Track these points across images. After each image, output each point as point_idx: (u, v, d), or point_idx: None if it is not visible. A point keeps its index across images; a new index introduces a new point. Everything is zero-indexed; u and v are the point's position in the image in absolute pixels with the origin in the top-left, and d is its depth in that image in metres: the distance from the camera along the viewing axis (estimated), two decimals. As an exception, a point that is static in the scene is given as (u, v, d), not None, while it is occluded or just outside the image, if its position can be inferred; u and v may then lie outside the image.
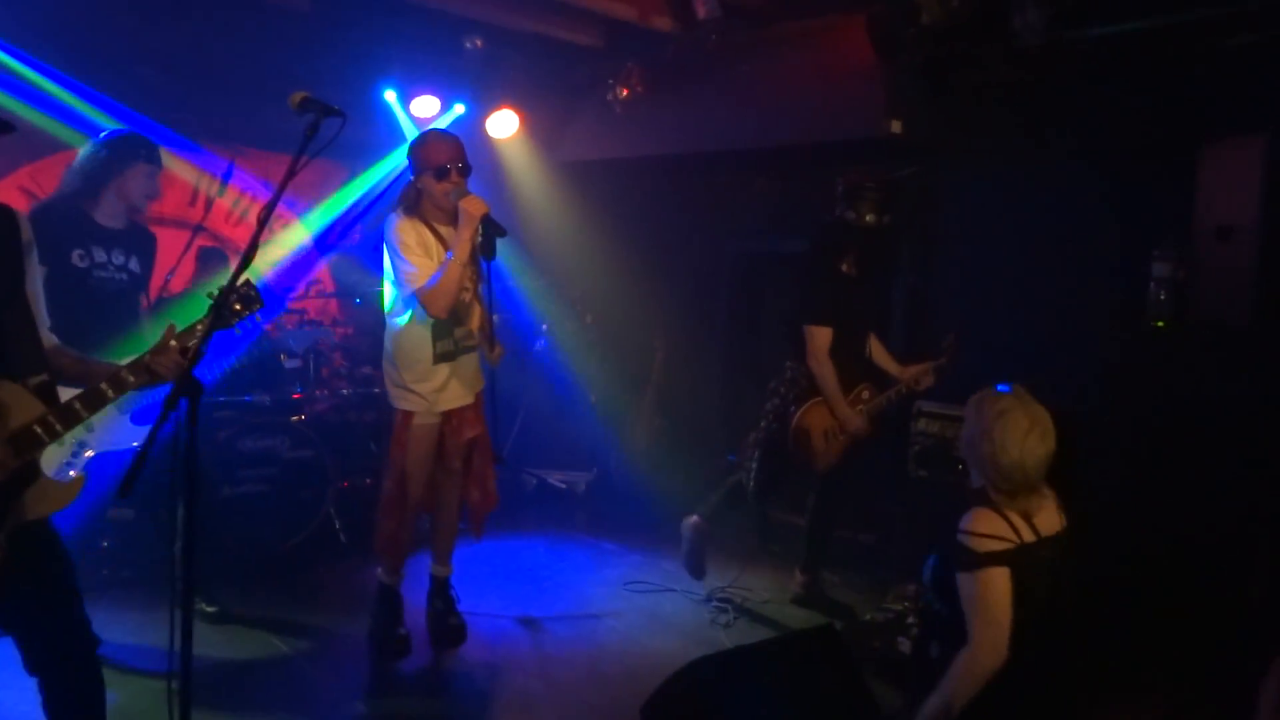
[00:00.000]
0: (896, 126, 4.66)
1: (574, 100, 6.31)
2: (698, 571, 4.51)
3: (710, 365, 6.49)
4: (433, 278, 3.52)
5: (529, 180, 6.59)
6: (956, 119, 4.91)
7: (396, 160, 6.18)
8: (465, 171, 3.61)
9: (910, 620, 4.05)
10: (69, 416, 2.15)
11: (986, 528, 2.43)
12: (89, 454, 3.56)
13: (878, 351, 4.57)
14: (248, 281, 2.28)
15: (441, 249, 3.64)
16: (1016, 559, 2.41)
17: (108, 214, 3.76)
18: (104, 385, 2.18)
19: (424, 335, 3.69)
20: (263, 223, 2.13)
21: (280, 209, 6.18)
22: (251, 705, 3.36)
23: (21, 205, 5.18)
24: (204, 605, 3.95)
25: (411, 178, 3.67)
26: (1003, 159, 4.88)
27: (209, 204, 5.88)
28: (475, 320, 3.83)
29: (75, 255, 3.66)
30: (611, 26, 5.36)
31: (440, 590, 4.07)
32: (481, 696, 3.58)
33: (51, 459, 3.54)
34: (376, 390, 5.36)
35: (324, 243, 5.88)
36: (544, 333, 6.40)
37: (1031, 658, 2.45)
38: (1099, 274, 4.50)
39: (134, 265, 3.83)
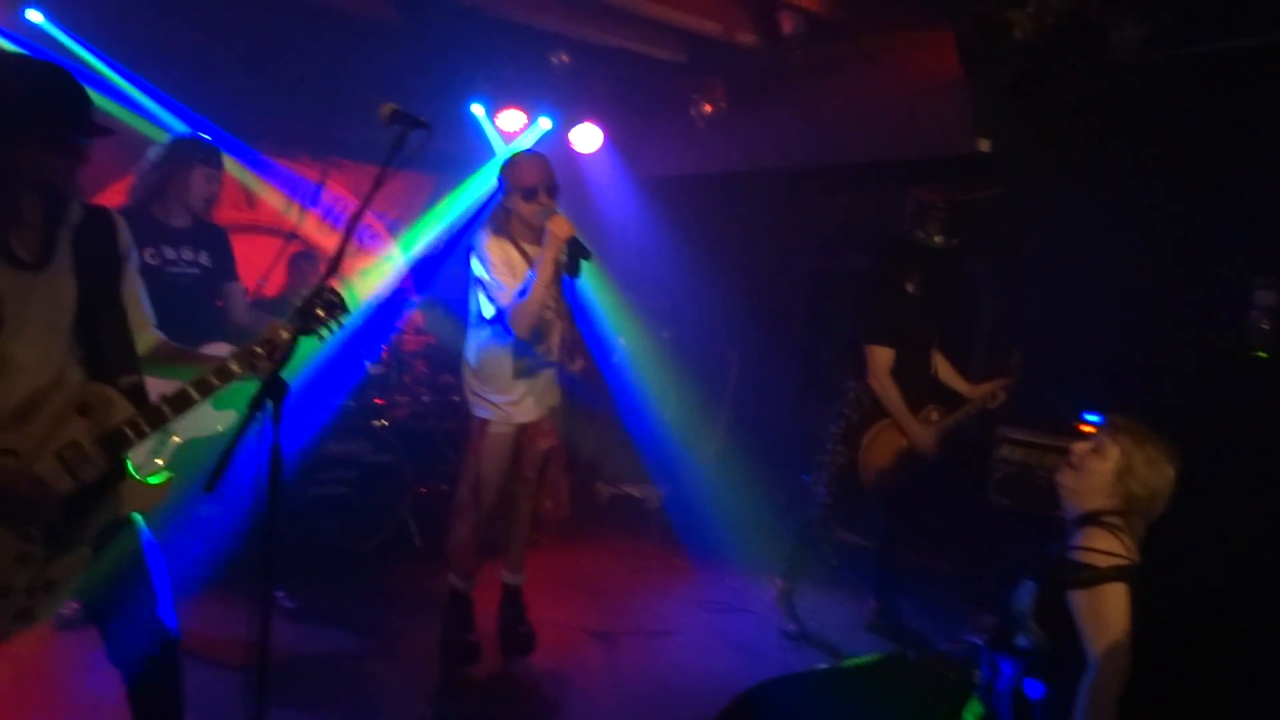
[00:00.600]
0: (984, 145, 4.58)
1: (656, 115, 6.35)
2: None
3: (784, 381, 6.43)
4: (516, 296, 3.55)
5: (610, 194, 6.65)
6: (1045, 138, 4.79)
7: (486, 181, 6.30)
8: (553, 192, 3.63)
9: (988, 652, 3.94)
10: (156, 417, 2.23)
11: (1104, 545, 2.40)
12: (175, 440, 3.72)
13: (946, 371, 4.46)
14: (333, 289, 2.34)
15: (526, 268, 3.66)
16: (1132, 578, 2.38)
17: (173, 214, 3.94)
18: (191, 389, 2.25)
19: (505, 351, 3.74)
20: (348, 234, 2.19)
21: (370, 217, 6.36)
22: (324, 701, 3.44)
23: (125, 211, 5.48)
24: (284, 601, 4.07)
25: (501, 197, 3.71)
26: (1092, 179, 4.74)
27: (302, 212, 6.07)
28: (555, 337, 3.87)
29: (147, 254, 3.83)
30: (695, 42, 5.39)
31: (511, 598, 4.11)
32: (546, 707, 3.59)
33: (139, 447, 3.70)
34: (455, 398, 5.46)
35: (422, 282, 5.91)
36: (620, 346, 6.43)
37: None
38: (1191, 299, 4.33)
39: (205, 259, 3.99)
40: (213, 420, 3.84)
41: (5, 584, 2.09)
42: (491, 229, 3.70)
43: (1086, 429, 4.35)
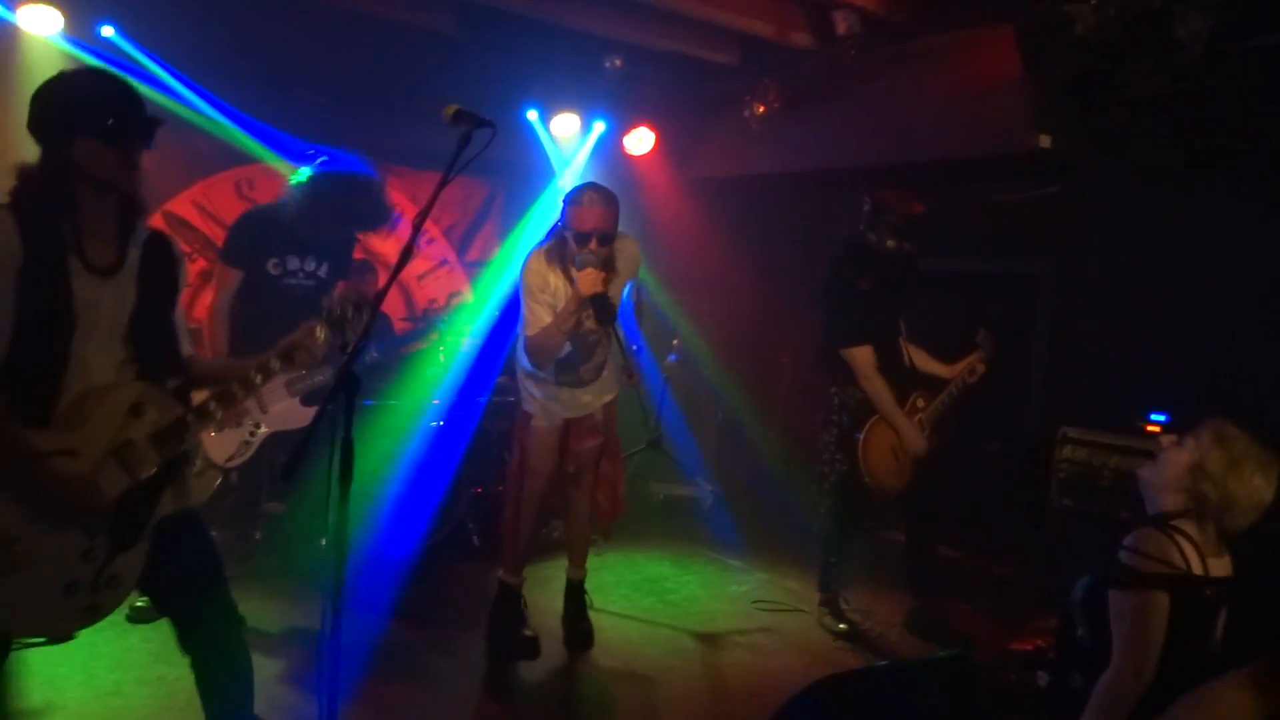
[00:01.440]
0: (1045, 141, 4.51)
1: (710, 117, 6.36)
2: (851, 635, 4.31)
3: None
4: (540, 337, 3.60)
5: (665, 196, 6.68)
6: (1107, 134, 4.72)
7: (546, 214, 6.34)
8: (605, 241, 3.58)
9: (1050, 655, 3.88)
10: (204, 415, 2.34)
11: (1155, 550, 2.35)
12: (264, 431, 3.83)
13: (921, 359, 4.42)
14: (364, 299, 2.45)
15: (566, 296, 3.62)
16: (1179, 589, 2.32)
17: (303, 227, 4.04)
18: (235, 387, 2.39)
19: (549, 368, 3.80)
20: (417, 228, 2.24)
21: (428, 225, 6.44)
22: (387, 691, 3.50)
23: (193, 218, 5.65)
24: (352, 596, 4.15)
25: (560, 225, 3.70)
26: (1156, 176, 4.66)
27: (361, 219, 6.19)
28: (602, 355, 3.89)
29: (270, 264, 3.96)
30: (749, 43, 5.40)
31: (573, 592, 4.15)
32: (602, 703, 3.62)
33: (231, 438, 3.83)
34: (510, 398, 5.52)
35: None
36: (675, 348, 6.45)
37: (1166, 694, 2.33)
38: (1263, 301, 4.23)
39: (323, 271, 4.10)
40: (301, 415, 3.96)
41: (72, 580, 2.17)
42: (542, 250, 3.71)
43: (1153, 429, 4.28)
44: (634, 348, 4.10)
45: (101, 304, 2.23)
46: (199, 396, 2.46)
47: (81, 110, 2.19)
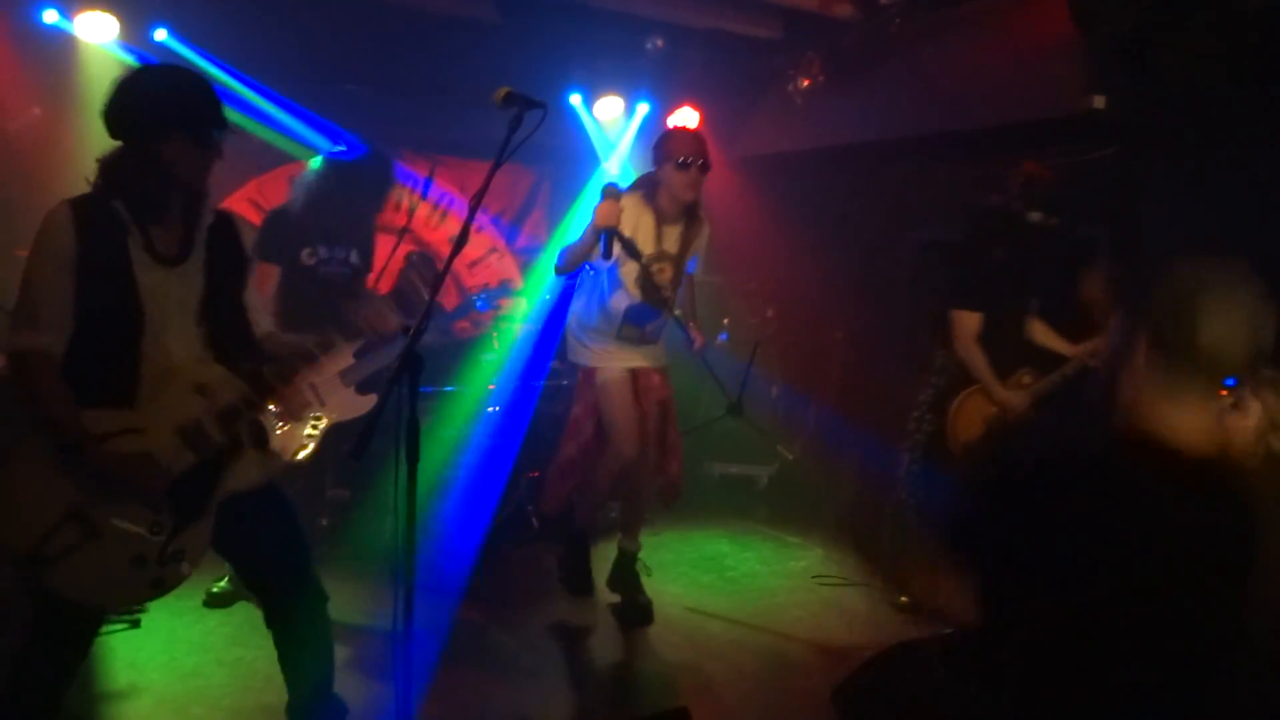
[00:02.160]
0: (1099, 101, 4.40)
1: (753, 94, 6.32)
2: (913, 605, 4.28)
3: (891, 356, 6.34)
4: (572, 245, 3.78)
5: (709, 176, 6.64)
6: (1164, 93, 4.59)
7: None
8: (704, 169, 3.86)
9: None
10: (264, 389, 2.40)
11: None
12: (325, 423, 3.92)
13: (1045, 335, 4.30)
14: (425, 259, 2.61)
15: (653, 238, 3.84)
16: None
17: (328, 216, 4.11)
18: (294, 359, 2.48)
19: (616, 321, 3.92)
20: (473, 210, 2.27)
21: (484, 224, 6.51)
22: (457, 667, 3.57)
23: (251, 216, 5.77)
24: (419, 576, 4.24)
25: (655, 168, 3.90)
26: (1217, 136, 4.53)
27: (411, 211, 6.27)
28: (668, 315, 3.97)
29: (304, 254, 4.03)
30: (791, 17, 5.35)
31: (627, 565, 4.19)
32: (665, 677, 3.65)
33: (294, 432, 3.92)
34: (565, 382, 5.56)
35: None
36: (725, 327, 6.44)
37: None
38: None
39: (354, 258, 4.17)
40: (359, 404, 4.04)
41: (140, 554, 2.26)
42: (636, 189, 3.91)
43: (1221, 394, 4.18)
44: (695, 320, 4.15)
45: (170, 293, 2.31)
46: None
47: (177, 108, 2.25)
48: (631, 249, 3.78)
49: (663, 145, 3.88)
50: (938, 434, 4.12)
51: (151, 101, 2.25)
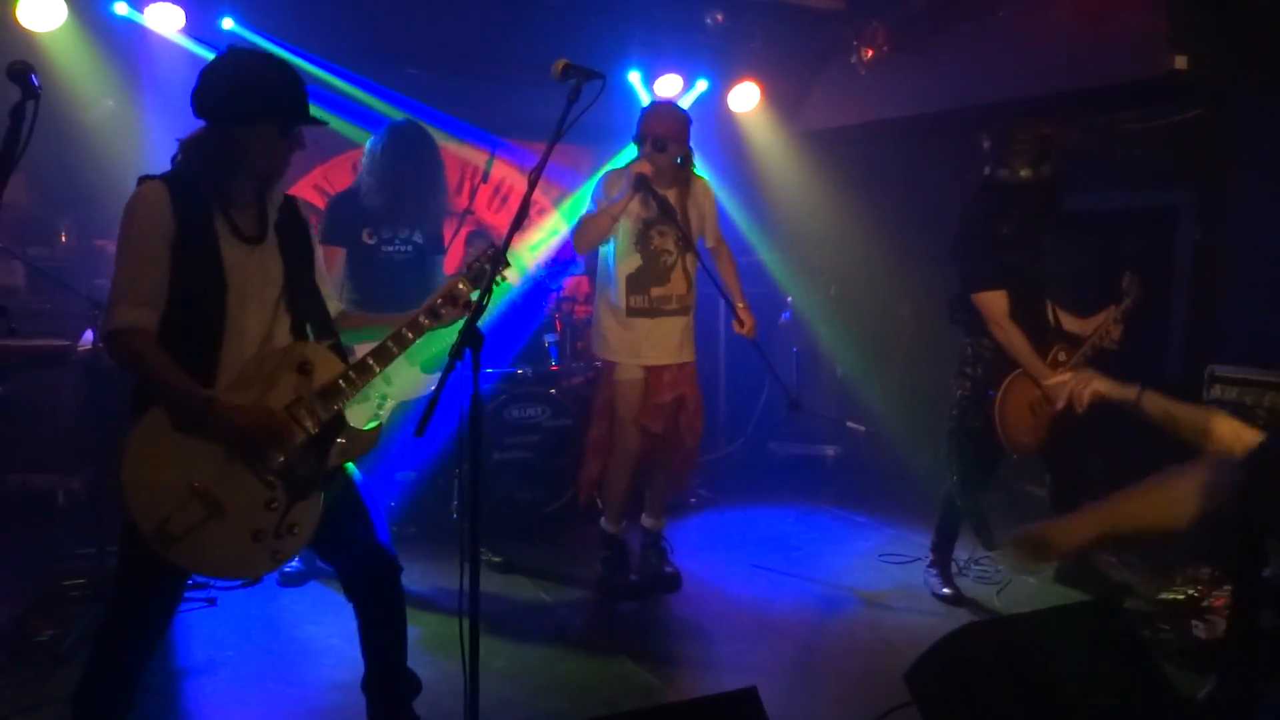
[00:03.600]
0: (1181, 62, 4.21)
1: (815, 68, 6.20)
2: (955, 598, 4.09)
3: (959, 333, 6.18)
4: (583, 217, 3.87)
5: (771, 152, 6.56)
6: (1250, 50, 4.38)
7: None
8: (661, 147, 3.82)
9: (1210, 603, 3.69)
10: (364, 370, 2.43)
11: None
12: (391, 403, 3.96)
13: (1055, 315, 4.09)
14: (495, 246, 2.54)
15: (644, 205, 3.86)
16: None
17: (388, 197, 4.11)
18: (389, 343, 2.47)
19: (620, 289, 3.95)
20: (533, 183, 2.25)
21: (537, 196, 6.52)
22: (524, 642, 3.61)
23: (317, 202, 5.85)
24: (490, 555, 4.27)
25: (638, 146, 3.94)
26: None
27: (474, 192, 6.30)
28: (679, 285, 3.99)
29: (364, 234, 4.05)
30: (854, -14, 5.23)
31: (652, 543, 4.24)
32: (732, 657, 3.61)
33: (359, 412, 3.96)
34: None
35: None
36: (789, 305, 6.35)
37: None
38: None
39: (418, 237, 4.19)
40: (424, 383, 4.07)
41: (258, 528, 2.31)
42: (621, 169, 3.95)
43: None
44: (744, 301, 4.04)
45: (250, 271, 2.35)
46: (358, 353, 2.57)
47: (266, 98, 2.29)
48: (664, 205, 3.82)
49: (641, 123, 3.89)
50: (985, 430, 3.86)
51: (242, 89, 2.28)
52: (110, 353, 2.27)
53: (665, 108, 4.07)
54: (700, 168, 4.15)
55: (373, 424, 2.49)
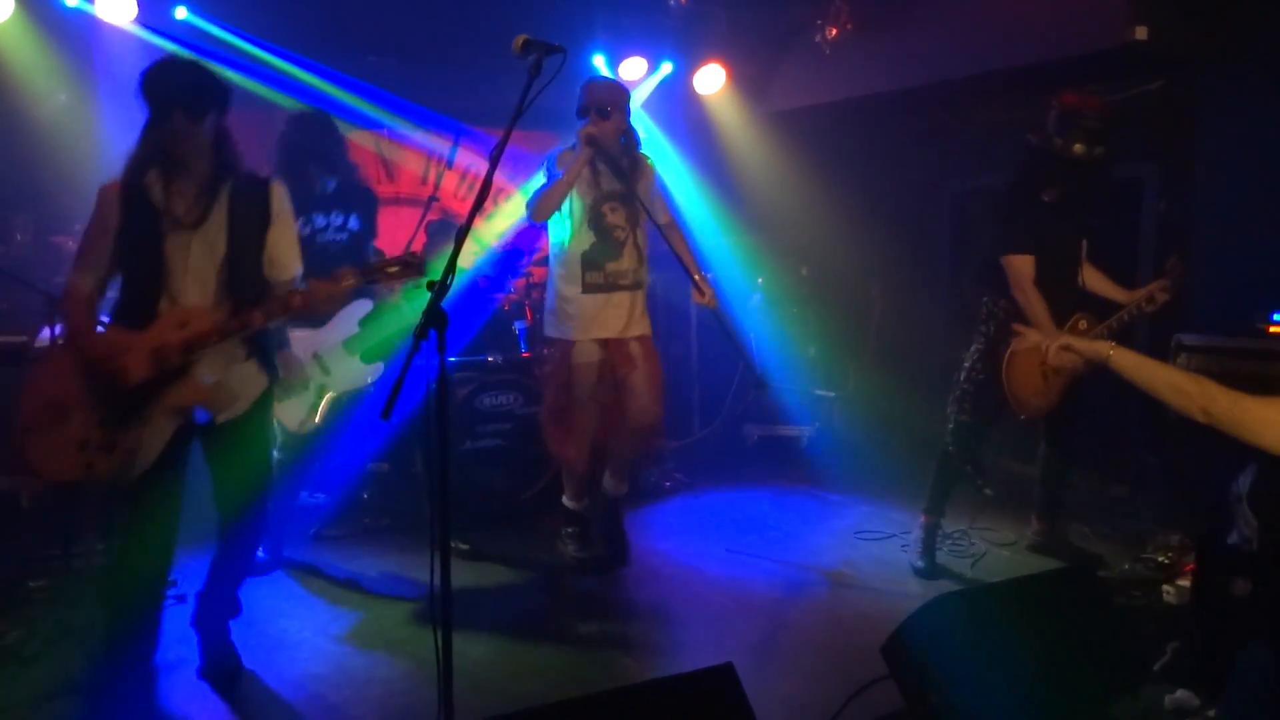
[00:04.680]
0: (1141, 33, 4.24)
1: (780, 48, 6.19)
2: (929, 571, 4.10)
3: (931, 309, 6.21)
4: (540, 189, 3.89)
5: (738, 133, 6.54)
6: (1210, 21, 4.41)
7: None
8: (604, 114, 3.88)
9: (1181, 569, 3.73)
10: (228, 328, 2.78)
11: None
12: (329, 395, 3.91)
13: (1097, 281, 4.12)
14: (414, 254, 2.84)
15: (592, 183, 3.93)
16: None
17: (319, 181, 4.09)
18: (258, 311, 2.80)
19: (575, 268, 3.97)
20: (494, 161, 2.22)
21: (499, 180, 6.46)
22: (499, 628, 3.57)
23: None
24: (459, 543, 4.23)
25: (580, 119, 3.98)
26: (1265, 64, 4.34)
27: (438, 181, 6.24)
28: (631, 259, 4.03)
29: (299, 224, 3.99)
30: (817, -35, 5.21)
31: (609, 508, 4.32)
32: (708, 635, 3.60)
33: (296, 405, 3.92)
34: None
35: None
36: (759, 287, 6.34)
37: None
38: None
39: (353, 224, 4.13)
40: (364, 373, 4.02)
41: (85, 439, 2.73)
42: (569, 149, 3.96)
43: (1276, 330, 4.03)
44: (707, 272, 4.09)
45: (190, 251, 2.80)
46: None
47: (148, 92, 2.73)
48: (614, 164, 3.90)
49: (583, 96, 3.98)
50: (989, 383, 3.94)
51: (153, 88, 2.73)
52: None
53: (603, 79, 4.26)
54: (660, 148, 4.16)
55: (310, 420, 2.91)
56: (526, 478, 4.93)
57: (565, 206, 3.93)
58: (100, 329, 2.88)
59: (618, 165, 3.91)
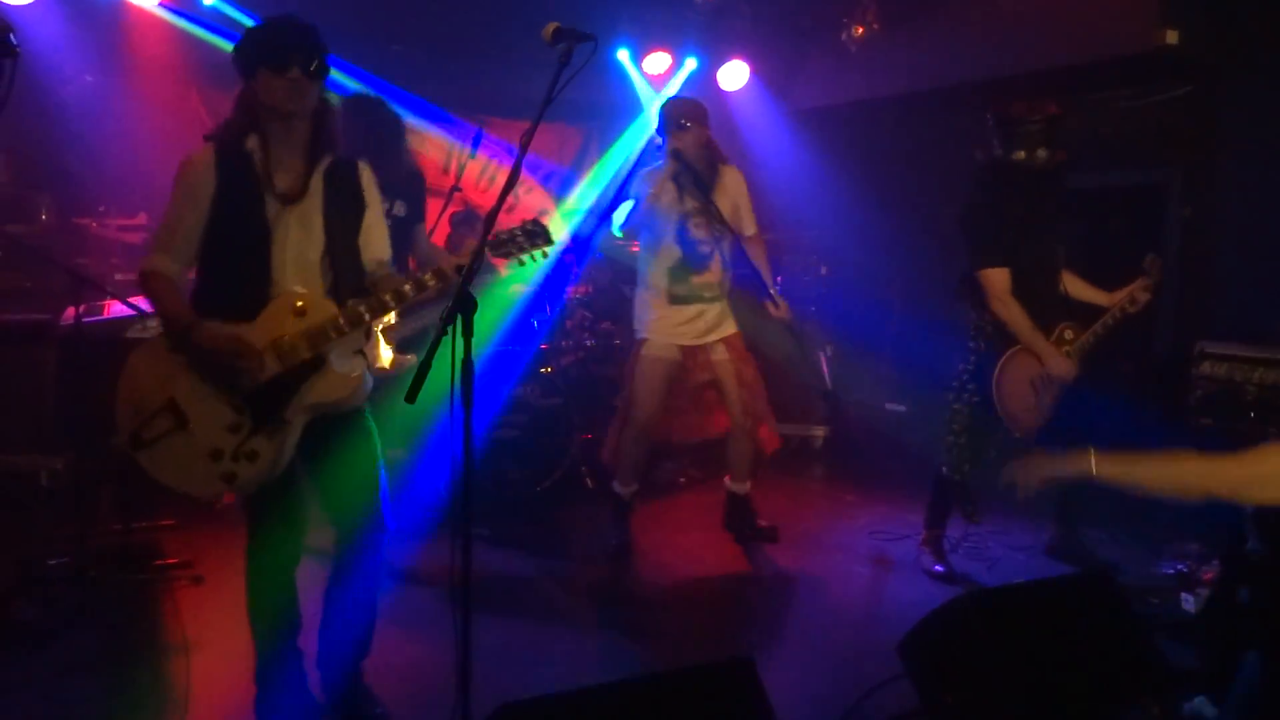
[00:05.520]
0: (1172, 37, 4.21)
1: (805, 46, 6.17)
2: (944, 576, 4.06)
3: (955, 312, 6.17)
4: (630, 206, 4.04)
5: (761, 131, 6.53)
6: (1241, 27, 4.37)
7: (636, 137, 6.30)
8: (685, 126, 3.99)
9: (1199, 576, 3.71)
10: (355, 319, 2.50)
11: None
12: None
13: (1078, 287, 4.05)
14: (536, 220, 2.56)
15: (677, 199, 4.03)
16: None
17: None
18: (387, 297, 2.51)
19: (663, 277, 4.09)
20: (524, 145, 2.21)
21: (524, 176, 6.44)
22: (515, 616, 3.60)
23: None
24: (479, 529, 4.23)
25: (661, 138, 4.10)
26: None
27: (460, 172, 6.24)
28: (716, 273, 4.14)
29: None
30: (844, -38, 5.19)
31: (735, 504, 4.41)
32: (725, 629, 3.61)
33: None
34: (617, 342, 5.52)
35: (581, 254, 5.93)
36: (778, 285, 6.32)
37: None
38: None
39: (399, 210, 4.12)
40: (399, 363, 4.00)
41: (217, 448, 2.46)
42: (653, 170, 4.09)
43: None
44: (777, 280, 4.17)
45: (289, 227, 2.53)
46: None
47: (254, 46, 2.50)
48: (697, 178, 4.00)
49: (662, 114, 4.09)
50: (984, 403, 3.87)
51: (238, 49, 2.52)
52: (140, 288, 2.59)
53: (679, 97, 4.43)
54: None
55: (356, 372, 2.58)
56: (541, 469, 4.93)
57: (652, 222, 4.04)
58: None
59: (700, 179, 4.00)
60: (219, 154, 2.50)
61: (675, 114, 4.02)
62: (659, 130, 4.08)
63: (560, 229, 6.66)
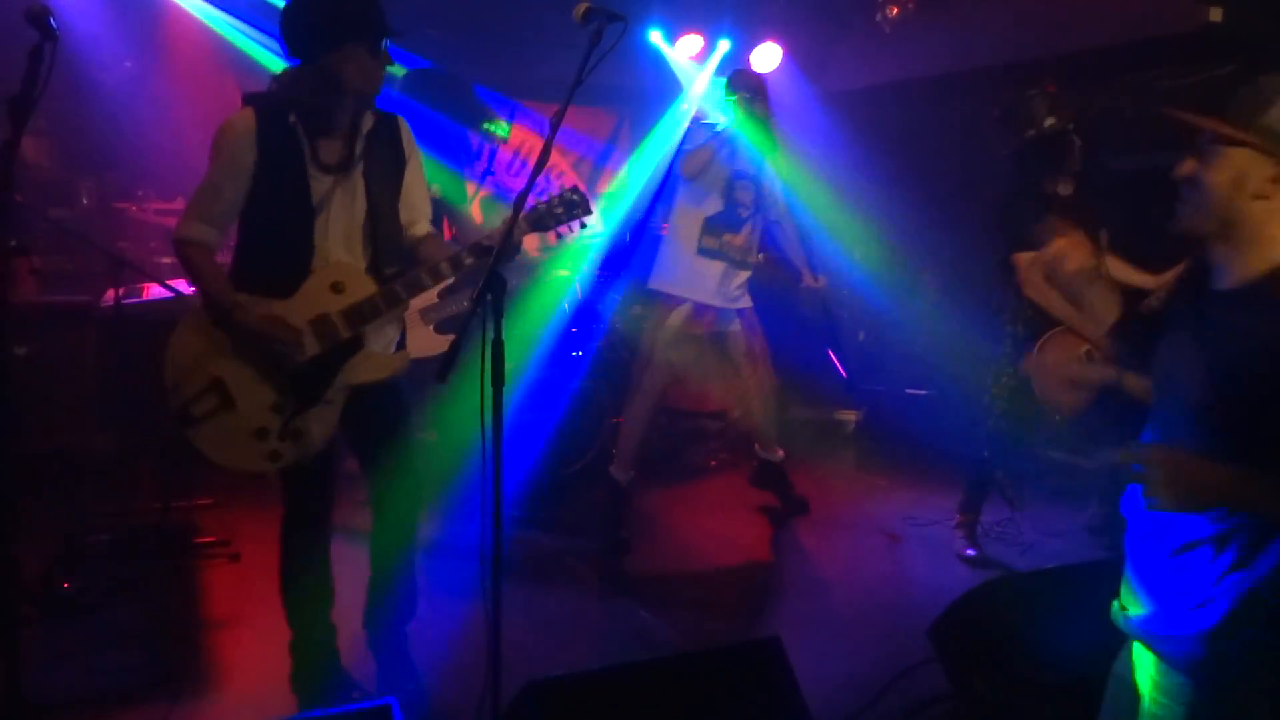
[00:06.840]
0: (1216, 14, 4.11)
1: (839, 27, 6.10)
2: (976, 560, 4.06)
3: (991, 296, 6.09)
4: (693, 148, 4.12)
5: (794, 112, 6.46)
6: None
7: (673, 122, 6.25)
8: (753, 94, 4.13)
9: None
10: (392, 296, 2.49)
11: None
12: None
13: (1121, 269, 3.99)
14: (575, 189, 2.53)
15: (733, 159, 4.15)
16: None
17: None
18: (424, 275, 2.50)
19: (695, 229, 4.15)
20: (555, 125, 2.20)
21: (556, 160, 6.43)
22: (545, 595, 3.66)
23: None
24: (509, 511, 4.27)
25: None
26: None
27: (492, 154, 6.26)
28: (745, 238, 4.20)
29: None
30: (880, -59, 5.13)
31: (767, 471, 4.47)
32: (754, 608, 3.61)
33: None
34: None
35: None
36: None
37: None
38: None
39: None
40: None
41: (263, 427, 2.46)
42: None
43: None
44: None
45: (334, 200, 2.47)
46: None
47: (349, 17, 2.36)
48: (752, 146, 4.13)
49: (731, 80, 4.22)
50: (1020, 387, 3.85)
51: (324, 15, 2.36)
52: (175, 254, 2.51)
53: (746, 69, 4.57)
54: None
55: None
56: (572, 453, 4.94)
57: (708, 169, 4.09)
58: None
59: (755, 148, 4.12)
60: (260, 122, 2.40)
61: (751, 82, 4.16)
62: (731, 88, 4.15)
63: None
